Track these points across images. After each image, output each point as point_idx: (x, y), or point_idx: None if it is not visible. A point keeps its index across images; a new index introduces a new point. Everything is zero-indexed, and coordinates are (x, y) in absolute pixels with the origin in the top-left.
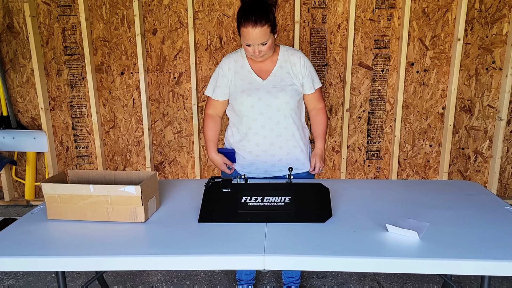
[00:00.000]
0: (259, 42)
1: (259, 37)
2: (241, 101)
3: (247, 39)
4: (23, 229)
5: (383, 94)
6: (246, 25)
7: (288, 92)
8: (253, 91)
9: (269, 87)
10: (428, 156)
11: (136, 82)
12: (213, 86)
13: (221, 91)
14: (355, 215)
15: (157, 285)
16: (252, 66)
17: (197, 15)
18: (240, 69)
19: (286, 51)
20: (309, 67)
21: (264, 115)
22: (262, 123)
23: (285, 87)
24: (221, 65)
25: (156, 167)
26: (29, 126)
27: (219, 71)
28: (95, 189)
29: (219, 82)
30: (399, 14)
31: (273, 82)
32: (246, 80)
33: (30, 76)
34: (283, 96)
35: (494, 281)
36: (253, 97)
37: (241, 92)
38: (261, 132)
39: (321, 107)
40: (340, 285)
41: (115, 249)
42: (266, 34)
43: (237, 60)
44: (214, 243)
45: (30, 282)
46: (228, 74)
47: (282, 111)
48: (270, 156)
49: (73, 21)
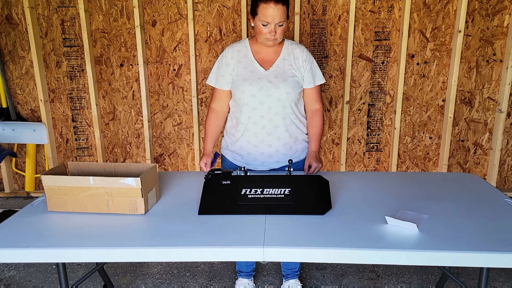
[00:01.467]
0: (278, 20)
1: (279, 16)
2: (242, 89)
3: (266, 16)
4: (24, 221)
5: (383, 86)
6: (268, 2)
7: (289, 83)
8: (255, 80)
9: (271, 77)
10: (428, 149)
11: (136, 74)
12: (216, 76)
13: (226, 80)
14: (354, 207)
15: (158, 277)
16: (255, 56)
17: (196, 6)
18: (243, 58)
19: (290, 44)
20: (311, 62)
21: (264, 105)
22: (261, 113)
23: (287, 78)
24: (224, 54)
25: (156, 159)
26: (28, 118)
27: (222, 60)
28: (95, 181)
29: (222, 71)
30: (399, 5)
31: (276, 72)
32: (248, 69)
33: (29, 68)
34: (284, 87)
35: (492, 273)
36: (254, 86)
37: (243, 80)
38: (260, 122)
39: (318, 108)
40: (339, 277)
41: (115, 241)
42: (284, 14)
43: (240, 49)
44: (214, 235)
45: (31, 274)
46: (231, 62)
47: (282, 101)
48: (267, 147)
49: (72, 13)
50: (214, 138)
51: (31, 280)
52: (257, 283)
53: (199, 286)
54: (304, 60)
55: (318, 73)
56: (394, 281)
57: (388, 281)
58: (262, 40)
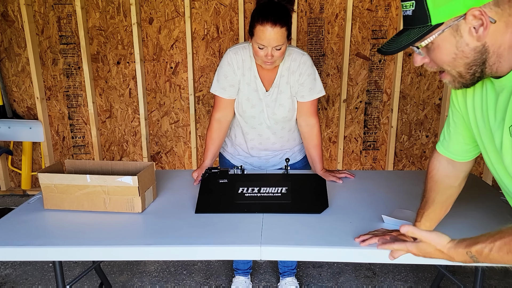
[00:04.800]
0: (275, 44)
1: (276, 39)
2: (243, 109)
3: (262, 39)
4: (20, 219)
5: (380, 85)
6: (265, 24)
7: (286, 106)
8: (256, 101)
9: (269, 101)
10: (425, 147)
11: (133, 72)
12: (223, 86)
13: (235, 90)
14: (351, 205)
15: (154, 275)
16: (259, 71)
17: (193, 4)
18: (247, 72)
19: (289, 56)
20: (307, 75)
21: (263, 125)
22: (260, 132)
23: (284, 101)
24: (230, 62)
25: (153, 157)
26: (24, 116)
27: (229, 69)
28: (92, 179)
29: (231, 81)
30: (397, 4)
31: (274, 95)
32: (252, 87)
33: (25, 65)
34: (281, 112)
35: (487, 271)
36: (256, 109)
37: (246, 100)
38: (257, 139)
39: (314, 123)
40: (336, 275)
41: (112, 239)
42: (283, 38)
43: (245, 59)
44: (211, 233)
45: (27, 272)
46: (238, 73)
47: (279, 124)
48: (264, 160)
49: (68, 10)
50: (215, 151)
51: (28, 278)
52: (254, 281)
53: (196, 284)
54: (300, 74)
55: (317, 86)
56: (391, 279)
57: (385, 279)
58: (260, 63)
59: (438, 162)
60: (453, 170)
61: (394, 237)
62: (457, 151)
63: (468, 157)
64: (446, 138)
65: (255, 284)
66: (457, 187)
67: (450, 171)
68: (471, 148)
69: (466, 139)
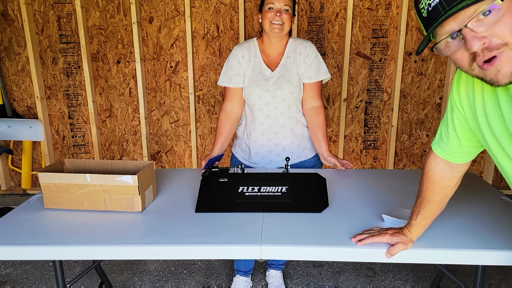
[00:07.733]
0: (284, 3)
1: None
2: (250, 90)
3: (272, 0)
4: (20, 218)
5: (380, 84)
6: None
7: (293, 82)
8: (261, 82)
9: (276, 78)
10: (425, 146)
11: (133, 71)
12: (228, 76)
13: (240, 79)
14: (351, 205)
15: (155, 274)
16: (263, 57)
17: (194, 3)
18: (253, 58)
19: (295, 41)
20: (314, 57)
21: (270, 106)
22: (268, 113)
23: (291, 77)
24: (235, 53)
25: (153, 157)
26: (25, 115)
27: (234, 59)
28: (92, 179)
29: (236, 69)
30: (397, 3)
31: (280, 73)
32: (256, 70)
33: (25, 64)
34: (288, 87)
35: (488, 270)
36: (261, 88)
37: (251, 81)
38: (266, 122)
39: (319, 105)
40: (336, 274)
41: (112, 239)
42: (290, 1)
43: (250, 48)
44: (211, 232)
45: (27, 271)
46: (242, 61)
47: (287, 101)
48: (274, 146)
49: (68, 9)
50: (223, 139)
51: (28, 277)
52: (254, 280)
53: (196, 283)
54: (306, 56)
55: (322, 69)
56: (391, 278)
57: (385, 278)
58: (269, 28)
59: (435, 163)
60: (450, 170)
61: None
62: (455, 153)
63: (466, 159)
64: (444, 139)
65: (256, 284)
66: (453, 187)
67: (447, 172)
68: (470, 150)
69: (465, 141)
